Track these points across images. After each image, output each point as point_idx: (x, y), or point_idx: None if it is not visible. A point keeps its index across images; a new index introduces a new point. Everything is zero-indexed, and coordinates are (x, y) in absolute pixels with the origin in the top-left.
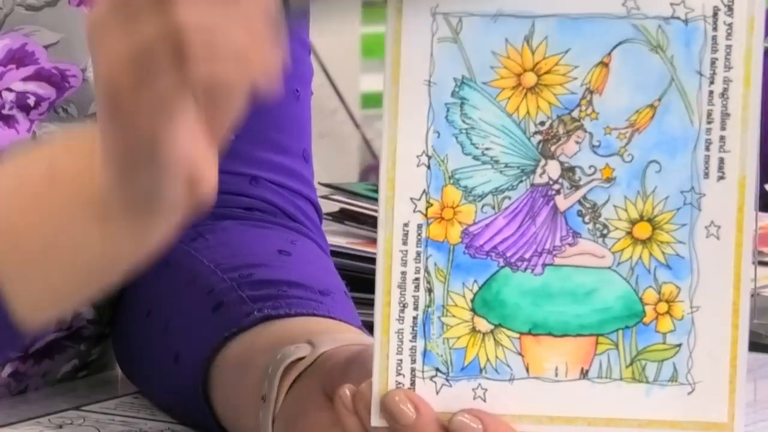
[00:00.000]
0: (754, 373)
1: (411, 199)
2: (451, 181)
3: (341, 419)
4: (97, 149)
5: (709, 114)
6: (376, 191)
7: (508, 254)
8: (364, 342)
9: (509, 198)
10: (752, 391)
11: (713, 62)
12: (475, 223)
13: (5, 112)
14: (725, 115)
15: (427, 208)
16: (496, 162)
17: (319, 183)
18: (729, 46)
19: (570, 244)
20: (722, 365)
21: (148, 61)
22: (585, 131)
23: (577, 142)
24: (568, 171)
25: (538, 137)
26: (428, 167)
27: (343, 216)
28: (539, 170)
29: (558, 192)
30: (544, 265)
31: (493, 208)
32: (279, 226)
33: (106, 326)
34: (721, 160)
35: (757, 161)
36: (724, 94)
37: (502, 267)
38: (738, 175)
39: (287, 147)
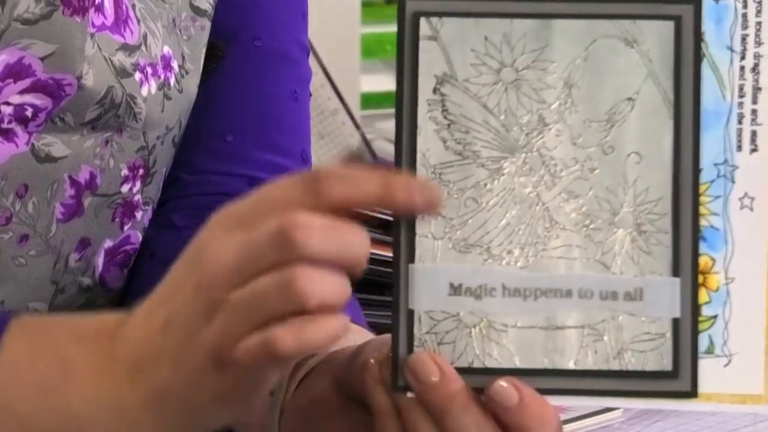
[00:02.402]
0: None
1: None
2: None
3: (370, 392)
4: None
5: (741, 88)
6: None
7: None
8: None
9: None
10: None
11: (744, 38)
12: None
13: (4, 126)
14: (756, 89)
15: None
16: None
17: None
18: (759, 23)
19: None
20: (758, 336)
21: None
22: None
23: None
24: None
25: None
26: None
27: None
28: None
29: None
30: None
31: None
32: None
33: None
34: (754, 133)
35: None
36: (755, 69)
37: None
38: None
39: (286, 148)
